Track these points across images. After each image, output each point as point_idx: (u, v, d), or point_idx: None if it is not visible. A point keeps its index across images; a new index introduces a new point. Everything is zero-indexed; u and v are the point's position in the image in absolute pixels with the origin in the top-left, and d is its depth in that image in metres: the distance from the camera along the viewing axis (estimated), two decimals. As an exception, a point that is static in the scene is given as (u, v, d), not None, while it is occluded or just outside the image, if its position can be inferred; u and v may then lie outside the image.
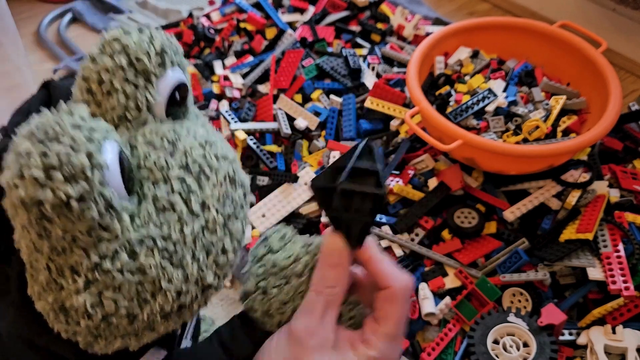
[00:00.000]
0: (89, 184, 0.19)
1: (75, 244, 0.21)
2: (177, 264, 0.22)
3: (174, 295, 0.23)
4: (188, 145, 0.23)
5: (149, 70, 0.24)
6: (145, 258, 0.22)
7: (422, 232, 0.59)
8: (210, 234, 0.23)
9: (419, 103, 0.58)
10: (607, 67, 0.61)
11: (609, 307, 0.50)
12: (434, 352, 0.51)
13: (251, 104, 0.76)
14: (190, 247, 0.23)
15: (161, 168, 0.23)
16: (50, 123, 0.20)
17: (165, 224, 0.22)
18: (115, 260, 0.21)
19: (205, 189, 0.23)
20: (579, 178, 0.60)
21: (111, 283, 0.21)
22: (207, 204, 0.23)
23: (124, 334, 0.23)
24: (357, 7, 0.92)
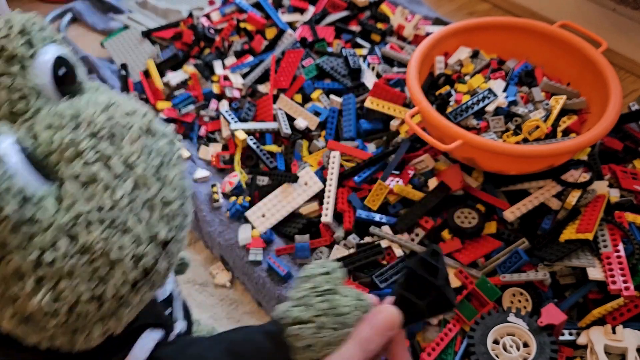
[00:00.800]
0: (7, 190, 0.19)
1: (6, 249, 0.20)
2: (121, 229, 0.21)
3: (132, 261, 0.22)
4: (90, 115, 0.22)
5: (17, 55, 0.23)
6: (86, 235, 0.21)
7: (422, 232, 0.59)
8: (144, 189, 0.22)
9: (419, 103, 0.58)
10: (607, 67, 0.61)
11: (609, 307, 0.50)
12: (434, 352, 0.51)
13: (251, 104, 0.76)
14: (128, 209, 0.22)
15: (69, 145, 0.22)
16: None
17: (93, 196, 0.21)
18: (56, 248, 0.20)
19: (124, 148, 0.22)
20: (579, 178, 0.60)
21: (61, 272, 0.20)
22: (129, 162, 0.22)
23: (99, 319, 0.22)
24: (357, 7, 0.92)
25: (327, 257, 0.59)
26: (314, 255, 0.60)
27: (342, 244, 0.60)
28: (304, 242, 0.60)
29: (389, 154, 0.66)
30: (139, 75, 0.86)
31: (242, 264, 0.61)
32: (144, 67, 0.88)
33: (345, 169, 0.66)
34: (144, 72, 0.86)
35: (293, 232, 0.62)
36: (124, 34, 0.95)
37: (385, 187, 0.61)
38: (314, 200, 0.65)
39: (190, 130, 0.78)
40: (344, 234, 0.61)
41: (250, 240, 0.62)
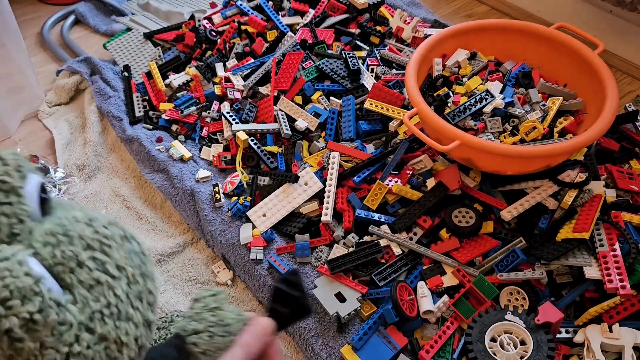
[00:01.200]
0: (41, 295, 0.24)
1: (43, 347, 0.24)
2: (125, 318, 0.27)
3: (134, 342, 0.28)
4: (79, 230, 0.28)
5: (15, 186, 0.28)
6: (101, 328, 0.26)
7: (420, 231, 0.60)
8: (134, 285, 0.29)
9: (417, 104, 0.59)
10: (604, 68, 0.62)
11: (606, 305, 0.51)
12: (432, 349, 0.51)
13: (252, 105, 0.77)
14: (127, 302, 0.28)
15: (71, 258, 0.27)
16: None
17: (100, 296, 0.27)
18: (80, 341, 0.26)
19: (113, 255, 0.28)
20: (575, 178, 0.60)
21: (86, 359, 0.26)
22: (120, 265, 0.28)
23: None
24: (356, 10, 0.93)
25: (327, 256, 0.60)
26: (314, 254, 0.61)
27: (342, 243, 0.61)
28: (304, 241, 0.61)
29: (388, 155, 0.66)
30: (142, 77, 0.87)
31: (244, 262, 0.62)
32: (146, 68, 0.89)
33: (344, 169, 0.66)
34: (146, 73, 0.87)
35: (293, 231, 0.62)
36: (127, 36, 0.96)
37: (384, 187, 0.62)
38: (314, 199, 0.65)
39: (192, 131, 0.79)
40: (343, 233, 0.62)
41: (251, 239, 0.62)
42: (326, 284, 0.56)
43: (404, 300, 0.53)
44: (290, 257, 0.62)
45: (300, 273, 0.59)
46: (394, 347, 0.52)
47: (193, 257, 0.67)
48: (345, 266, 0.56)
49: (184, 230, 0.71)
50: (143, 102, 0.84)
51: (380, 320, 0.54)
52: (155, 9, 1.05)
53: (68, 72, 0.92)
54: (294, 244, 0.62)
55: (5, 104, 0.84)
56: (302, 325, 0.55)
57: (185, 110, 0.80)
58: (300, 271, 0.60)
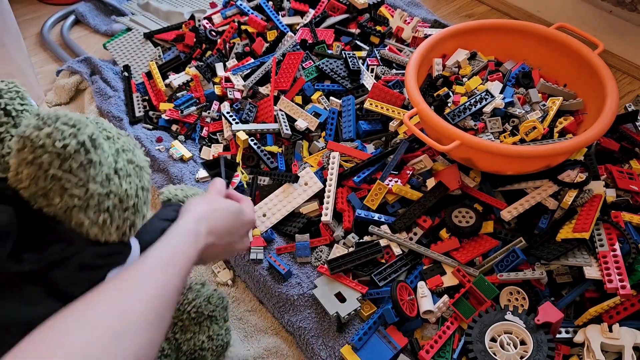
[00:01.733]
0: (92, 127, 0.32)
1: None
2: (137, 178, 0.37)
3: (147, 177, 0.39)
4: None
5: (23, 93, 0.37)
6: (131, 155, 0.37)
7: (420, 231, 0.60)
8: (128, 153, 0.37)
9: (417, 104, 0.59)
10: (603, 68, 0.62)
11: (606, 305, 0.51)
12: (432, 349, 0.51)
13: (252, 105, 0.77)
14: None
15: None
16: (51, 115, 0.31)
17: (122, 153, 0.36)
18: (117, 163, 0.35)
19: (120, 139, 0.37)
20: (575, 178, 0.60)
21: (125, 173, 0.34)
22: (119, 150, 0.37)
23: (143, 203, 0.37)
24: (356, 10, 0.93)
25: (327, 256, 0.60)
26: (314, 253, 0.61)
27: (342, 243, 0.61)
28: (304, 241, 0.61)
29: (388, 155, 0.66)
30: (142, 77, 0.87)
31: (243, 262, 0.62)
32: (146, 68, 0.89)
33: (344, 169, 0.66)
34: (146, 73, 0.87)
35: (293, 231, 0.62)
36: (127, 36, 0.96)
37: (384, 187, 0.62)
38: (314, 199, 0.65)
39: (192, 131, 0.79)
40: (343, 233, 0.62)
41: (251, 239, 0.62)
42: (326, 284, 0.56)
43: (404, 300, 0.53)
44: (290, 257, 0.62)
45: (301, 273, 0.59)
46: (394, 347, 0.52)
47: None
48: (345, 266, 0.56)
49: (184, 230, 0.71)
50: (143, 102, 0.84)
51: (380, 320, 0.54)
52: (155, 9, 1.05)
53: (68, 72, 0.91)
54: (294, 244, 0.62)
55: (5, 104, 0.84)
56: (302, 325, 0.55)
57: (185, 110, 0.80)
58: (301, 271, 0.60)
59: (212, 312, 0.51)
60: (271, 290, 0.58)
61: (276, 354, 0.56)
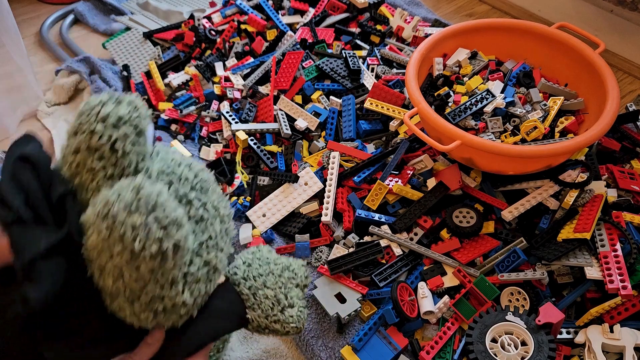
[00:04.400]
0: (184, 224, 0.29)
1: (173, 267, 0.30)
2: (220, 249, 0.34)
3: (224, 268, 0.35)
4: (182, 173, 0.33)
5: (143, 130, 0.32)
6: (207, 255, 0.33)
7: (421, 231, 0.60)
8: (224, 223, 0.35)
9: (418, 104, 0.59)
10: (604, 68, 0.62)
11: (607, 306, 0.51)
12: (432, 350, 0.51)
13: (252, 105, 0.76)
14: (221, 236, 0.34)
15: (182, 196, 0.33)
16: (142, 197, 0.28)
17: (205, 230, 0.33)
18: (193, 265, 0.32)
19: (210, 196, 0.34)
20: (576, 178, 0.60)
21: (195, 279, 0.32)
22: (215, 206, 0.34)
23: (198, 305, 0.34)
24: (356, 9, 0.93)
25: (327, 256, 0.60)
26: (314, 254, 0.61)
27: (342, 243, 0.61)
28: (304, 241, 0.61)
29: (388, 154, 0.66)
30: (141, 77, 0.87)
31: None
32: (145, 68, 0.89)
33: (344, 169, 0.66)
34: (145, 73, 0.87)
35: (293, 232, 0.62)
36: (126, 35, 0.96)
37: (384, 187, 0.62)
38: (314, 200, 0.65)
39: (192, 130, 0.79)
40: (343, 233, 0.62)
41: (251, 240, 0.62)
42: (326, 284, 0.56)
43: (404, 301, 0.53)
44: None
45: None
46: (394, 347, 0.52)
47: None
48: (346, 266, 0.56)
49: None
50: (142, 102, 0.84)
51: (380, 321, 0.54)
52: (155, 8, 1.04)
53: (67, 72, 0.91)
54: (293, 244, 0.61)
55: (4, 104, 0.84)
56: (302, 326, 0.55)
57: (184, 109, 0.79)
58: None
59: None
60: (271, 291, 0.58)
61: (275, 355, 0.56)
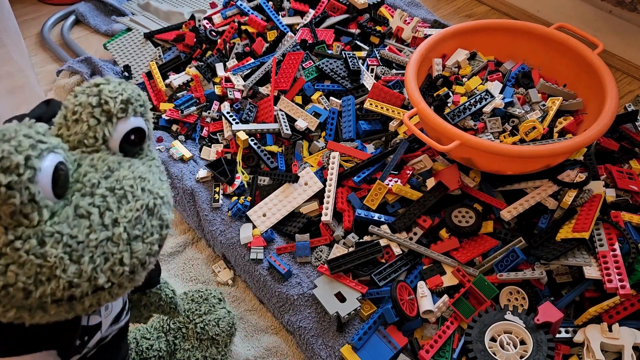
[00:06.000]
0: (19, 177, 0.25)
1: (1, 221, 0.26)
2: (75, 260, 0.27)
3: (66, 284, 0.27)
4: (122, 175, 0.30)
5: (112, 112, 0.30)
6: (49, 248, 0.27)
7: (420, 231, 0.60)
8: (112, 245, 0.29)
9: (417, 104, 0.59)
10: (603, 68, 0.62)
11: (606, 305, 0.51)
12: (432, 349, 0.51)
13: (252, 105, 0.77)
14: (91, 250, 0.28)
15: (91, 185, 0.29)
16: (10, 129, 0.26)
17: (77, 227, 0.28)
18: (26, 243, 0.27)
19: (121, 210, 0.29)
20: (575, 178, 0.60)
21: (17, 260, 0.26)
22: (118, 221, 0.29)
23: (18, 306, 0.28)
24: (356, 10, 0.93)
25: (327, 256, 0.60)
26: (314, 253, 0.61)
27: (342, 243, 0.61)
28: (304, 240, 0.61)
29: (388, 155, 0.67)
30: (142, 77, 0.87)
31: (244, 262, 0.62)
32: (146, 68, 0.89)
33: (344, 169, 0.66)
34: (146, 73, 0.87)
35: (293, 231, 0.63)
36: (127, 36, 0.97)
37: (384, 186, 0.62)
38: (314, 199, 0.66)
39: (193, 131, 0.79)
40: (343, 233, 0.62)
41: (251, 239, 0.63)
42: (326, 283, 0.56)
43: (403, 300, 0.53)
44: (290, 256, 0.62)
45: (301, 273, 0.59)
46: (394, 346, 0.52)
47: (194, 257, 0.67)
48: (345, 266, 0.56)
49: (184, 230, 0.71)
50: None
51: (380, 320, 0.54)
52: (156, 9, 1.05)
53: (68, 72, 0.92)
54: (294, 243, 0.62)
55: (5, 104, 0.84)
56: (302, 325, 0.55)
57: (185, 110, 0.80)
58: (301, 271, 0.60)
59: (216, 336, 0.51)
60: (271, 290, 0.59)
61: (276, 353, 0.56)
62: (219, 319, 0.51)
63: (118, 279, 0.29)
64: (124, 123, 0.31)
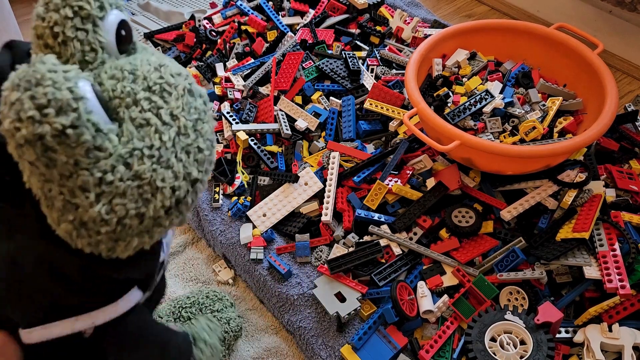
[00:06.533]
0: (77, 112, 0.24)
1: (78, 167, 0.25)
2: (165, 165, 0.27)
3: (170, 191, 0.28)
4: (145, 71, 0.28)
5: (92, 15, 0.27)
6: (138, 165, 0.27)
7: (420, 231, 0.60)
8: (184, 137, 0.28)
9: (417, 104, 0.59)
10: (603, 68, 0.62)
11: (606, 305, 0.51)
12: (432, 349, 0.51)
13: (252, 105, 0.77)
14: (171, 150, 0.28)
15: (128, 94, 0.27)
16: (30, 72, 0.24)
17: (146, 136, 0.27)
18: (115, 172, 0.26)
19: (170, 102, 0.28)
20: (575, 178, 0.60)
21: (116, 191, 0.26)
22: (174, 114, 0.28)
23: (137, 233, 0.28)
24: (356, 10, 0.93)
25: (327, 256, 0.60)
26: (314, 253, 0.61)
27: (342, 243, 0.61)
28: (304, 240, 0.61)
29: (388, 155, 0.67)
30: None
31: (244, 262, 0.62)
32: (146, 69, 0.89)
33: (344, 169, 0.66)
34: (146, 74, 0.87)
35: (293, 231, 0.63)
36: (127, 36, 0.96)
37: (384, 186, 0.62)
38: (314, 199, 0.66)
39: (192, 131, 0.79)
40: (343, 233, 0.62)
41: (251, 239, 0.63)
42: (326, 283, 0.56)
43: (403, 300, 0.53)
44: (290, 256, 0.62)
45: (301, 273, 0.59)
46: (394, 346, 0.52)
47: (194, 257, 0.67)
48: (345, 266, 0.56)
49: (184, 230, 0.71)
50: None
51: (380, 320, 0.54)
52: (156, 9, 1.05)
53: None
54: (294, 243, 0.62)
55: (5, 104, 0.84)
56: (302, 325, 0.55)
57: (185, 110, 0.80)
58: (301, 271, 0.60)
59: (225, 333, 0.51)
60: (271, 290, 0.59)
61: (276, 354, 0.56)
62: (229, 319, 0.51)
63: (205, 167, 0.30)
64: (108, 21, 0.28)
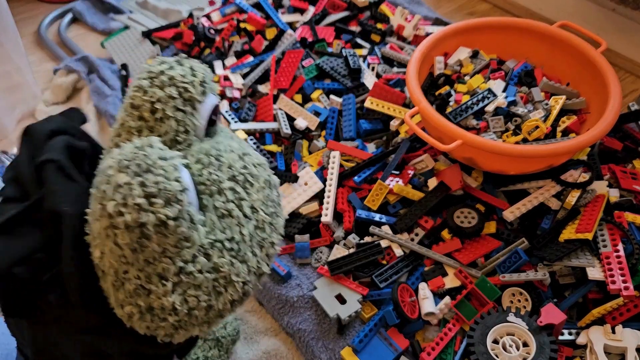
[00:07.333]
0: (181, 205, 0.24)
1: (164, 255, 0.25)
2: (241, 259, 0.27)
3: (241, 285, 0.28)
4: (230, 159, 0.29)
5: (194, 98, 0.28)
6: (218, 258, 0.27)
7: (422, 232, 0.60)
8: (261, 231, 0.29)
9: (419, 103, 0.58)
10: (606, 67, 0.61)
11: (609, 306, 0.50)
12: (433, 351, 0.51)
13: (251, 104, 0.76)
14: (248, 244, 0.28)
15: (214, 182, 0.28)
16: (140, 156, 0.24)
17: (227, 228, 0.27)
18: (195, 263, 0.26)
19: (252, 195, 0.29)
20: (578, 178, 0.60)
21: (193, 282, 0.26)
22: (255, 207, 0.29)
23: (200, 323, 0.27)
24: (357, 8, 0.93)
25: (327, 257, 0.59)
26: (314, 254, 0.60)
27: (342, 244, 0.60)
28: (304, 241, 0.60)
29: (389, 154, 0.66)
30: (140, 76, 0.86)
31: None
32: (144, 67, 0.88)
33: (345, 168, 0.66)
34: (144, 72, 0.87)
35: (293, 232, 0.62)
36: (125, 34, 0.96)
37: (385, 187, 0.61)
38: (314, 200, 0.65)
39: (191, 130, 0.78)
40: (343, 234, 0.61)
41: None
42: (326, 285, 0.56)
43: (405, 302, 0.53)
44: (289, 258, 0.61)
45: (300, 275, 0.59)
46: (395, 349, 0.52)
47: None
48: (346, 267, 0.56)
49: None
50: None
51: (381, 322, 0.53)
52: (154, 7, 1.04)
53: (65, 71, 0.91)
54: (293, 244, 0.61)
55: (2, 103, 0.84)
56: (302, 327, 0.55)
57: (184, 109, 0.79)
58: (300, 272, 0.59)
59: (222, 338, 0.51)
60: (270, 292, 0.58)
61: (275, 356, 0.56)
62: (227, 322, 0.50)
63: (272, 260, 0.30)
64: (205, 105, 0.29)
